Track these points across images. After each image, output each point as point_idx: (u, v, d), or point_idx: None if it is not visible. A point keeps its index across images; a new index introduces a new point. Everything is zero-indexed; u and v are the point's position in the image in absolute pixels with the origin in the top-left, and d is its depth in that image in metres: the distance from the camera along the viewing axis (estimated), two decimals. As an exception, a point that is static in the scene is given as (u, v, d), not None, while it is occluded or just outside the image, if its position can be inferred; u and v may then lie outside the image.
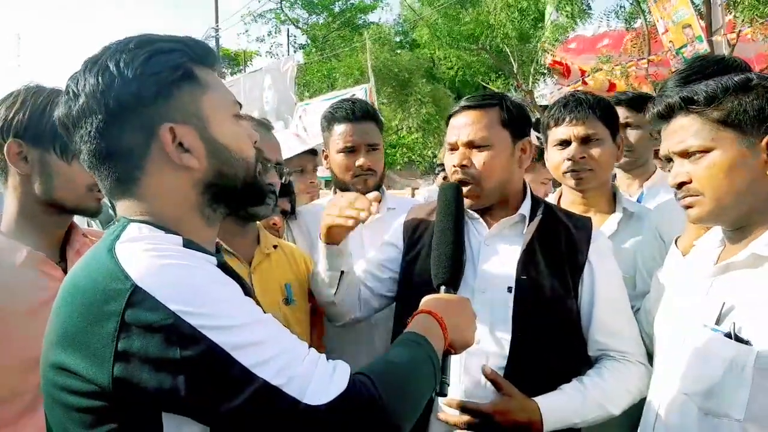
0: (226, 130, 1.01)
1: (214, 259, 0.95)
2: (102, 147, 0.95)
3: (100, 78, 0.93)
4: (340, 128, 2.17)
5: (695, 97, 1.23)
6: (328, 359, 0.93)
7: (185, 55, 0.98)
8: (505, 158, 1.64)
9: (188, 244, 0.94)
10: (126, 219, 0.97)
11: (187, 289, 0.85)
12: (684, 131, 1.25)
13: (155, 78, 0.93)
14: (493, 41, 12.45)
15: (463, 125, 1.64)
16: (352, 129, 2.14)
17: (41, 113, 1.41)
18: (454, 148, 1.66)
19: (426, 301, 1.23)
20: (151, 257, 0.87)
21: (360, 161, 2.12)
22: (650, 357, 1.57)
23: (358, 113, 2.16)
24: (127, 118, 0.93)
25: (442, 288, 1.29)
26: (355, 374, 0.92)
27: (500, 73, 13.68)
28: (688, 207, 1.27)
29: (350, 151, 2.14)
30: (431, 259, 1.36)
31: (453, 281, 1.30)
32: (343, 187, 2.19)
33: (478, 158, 1.62)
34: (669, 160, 1.33)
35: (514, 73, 12.86)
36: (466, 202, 1.62)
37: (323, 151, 2.32)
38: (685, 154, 1.25)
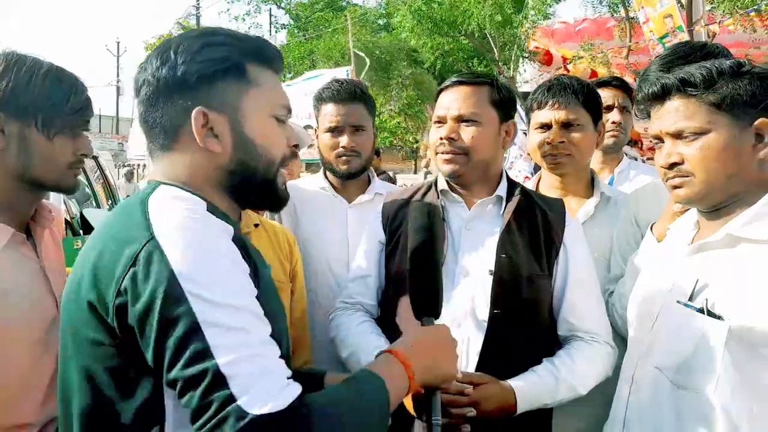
0: (259, 128, 1.10)
1: (231, 229, 1.01)
2: (148, 115, 1.09)
3: (160, 59, 1.07)
4: (326, 108, 2.19)
5: (692, 80, 1.25)
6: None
7: (237, 50, 1.08)
8: (492, 136, 1.66)
9: (211, 209, 1.02)
10: (156, 182, 1.08)
11: (193, 254, 0.92)
12: (678, 113, 1.27)
13: (201, 65, 1.05)
14: (470, 26, 12.34)
15: (454, 99, 1.65)
16: (337, 109, 2.16)
17: (26, 85, 1.33)
18: (441, 121, 1.67)
19: (397, 342, 1.18)
20: (176, 215, 0.97)
21: (344, 141, 2.14)
22: (623, 340, 1.60)
23: (344, 94, 2.16)
24: (170, 95, 1.06)
25: (423, 319, 1.22)
26: (301, 400, 0.89)
27: (482, 59, 13.61)
28: (676, 187, 1.30)
29: (335, 131, 2.16)
30: (409, 292, 1.27)
31: (433, 311, 1.23)
32: (330, 167, 2.21)
33: (466, 133, 1.62)
34: (658, 140, 1.34)
35: (496, 60, 12.82)
36: (450, 169, 1.64)
37: (314, 130, 2.34)
38: (679, 135, 1.27)
